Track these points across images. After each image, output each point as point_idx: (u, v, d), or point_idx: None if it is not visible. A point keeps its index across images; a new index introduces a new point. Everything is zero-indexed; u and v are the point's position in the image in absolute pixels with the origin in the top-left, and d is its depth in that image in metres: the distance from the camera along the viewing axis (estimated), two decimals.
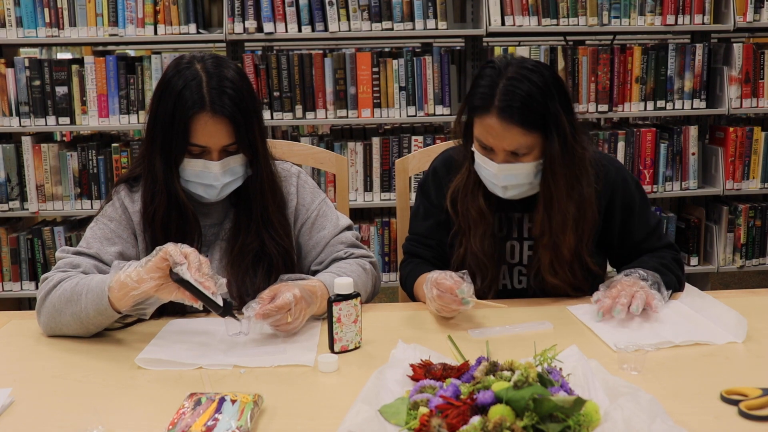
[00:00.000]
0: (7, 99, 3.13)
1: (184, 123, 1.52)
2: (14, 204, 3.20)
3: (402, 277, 1.84)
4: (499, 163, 1.60)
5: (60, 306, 1.44)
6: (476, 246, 1.69)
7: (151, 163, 1.58)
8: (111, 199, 1.66)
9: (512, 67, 1.58)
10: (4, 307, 3.10)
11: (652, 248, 1.76)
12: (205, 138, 1.53)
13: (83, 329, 1.44)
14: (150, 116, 1.58)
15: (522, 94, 1.54)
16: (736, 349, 1.39)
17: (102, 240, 1.60)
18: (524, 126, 1.56)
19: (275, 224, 1.66)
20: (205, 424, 1.06)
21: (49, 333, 1.49)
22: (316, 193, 1.76)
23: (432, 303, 1.53)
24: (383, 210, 3.50)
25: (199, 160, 1.55)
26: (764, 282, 4.29)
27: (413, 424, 1.03)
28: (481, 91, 1.58)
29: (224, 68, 1.56)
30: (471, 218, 1.70)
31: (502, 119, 1.55)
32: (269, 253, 1.64)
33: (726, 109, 3.28)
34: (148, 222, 1.60)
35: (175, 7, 3.09)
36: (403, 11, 3.12)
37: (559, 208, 1.63)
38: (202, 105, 1.51)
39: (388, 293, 3.87)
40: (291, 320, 1.41)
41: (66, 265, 1.53)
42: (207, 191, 1.59)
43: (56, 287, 1.46)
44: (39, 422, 1.14)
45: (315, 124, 3.86)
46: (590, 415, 1.02)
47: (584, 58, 3.22)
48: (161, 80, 1.57)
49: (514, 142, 1.57)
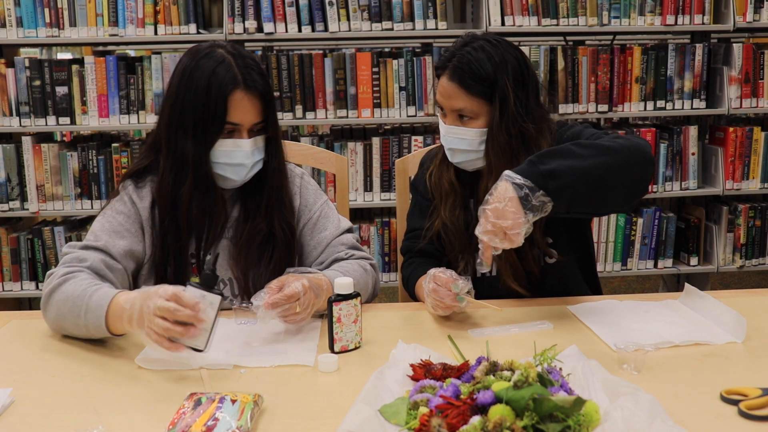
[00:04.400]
0: (8, 99, 3.13)
1: (222, 101, 1.54)
2: (14, 204, 3.20)
3: (404, 278, 1.85)
4: (447, 125, 1.69)
5: (64, 312, 1.42)
6: (446, 216, 1.76)
7: (175, 148, 1.58)
8: (118, 194, 1.64)
9: (480, 41, 1.68)
10: (4, 307, 3.11)
11: None
12: (240, 115, 1.56)
13: (89, 336, 1.43)
14: (173, 103, 1.58)
15: (473, 61, 1.65)
16: (735, 349, 1.39)
17: (110, 233, 1.58)
18: (468, 90, 1.65)
19: (286, 204, 1.70)
20: (205, 424, 1.06)
21: (55, 331, 1.48)
22: (318, 194, 1.77)
23: (428, 298, 1.54)
24: (383, 210, 3.50)
25: (229, 140, 1.57)
26: (764, 282, 4.29)
27: (413, 424, 1.03)
28: (444, 55, 1.71)
29: (243, 49, 1.63)
30: (443, 189, 1.78)
31: (451, 80, 1.66)
32: (276, 234, 1.65)
33: (726, 109, 3.28)
34: (169, 209, 1.59)
35: (175, 7, 3.09)
36: (403, 11, 3.12)
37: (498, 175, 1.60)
38: (236, 82, 1.55)
39: (388, 293, 3.87)
40: (300, 310, 1.42)
41: (73, 260, 1.51)
42: (236, 171, 1.60)
43: (60, 287, 1.44)
44: (39, 422, 1.14)
45: (315, 124, 3.86)
46: (590, 415, 1.02)
47: (584, 58, 3.23)
48: (184, 67, 1.58)
49: (458, 103, 1.67)
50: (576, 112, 3.25)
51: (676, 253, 3.47)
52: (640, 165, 1.50)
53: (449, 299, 1.50)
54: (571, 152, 1.45)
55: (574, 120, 3.56)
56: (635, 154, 1.49)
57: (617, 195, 1.50)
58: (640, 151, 1.50)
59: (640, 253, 3.40)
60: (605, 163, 1.44)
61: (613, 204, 1.54)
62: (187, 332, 1.26)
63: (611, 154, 1.46)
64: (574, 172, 1.42)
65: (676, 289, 2.62)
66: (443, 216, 1.76)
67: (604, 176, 1.45)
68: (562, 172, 1.41)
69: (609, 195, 1.48)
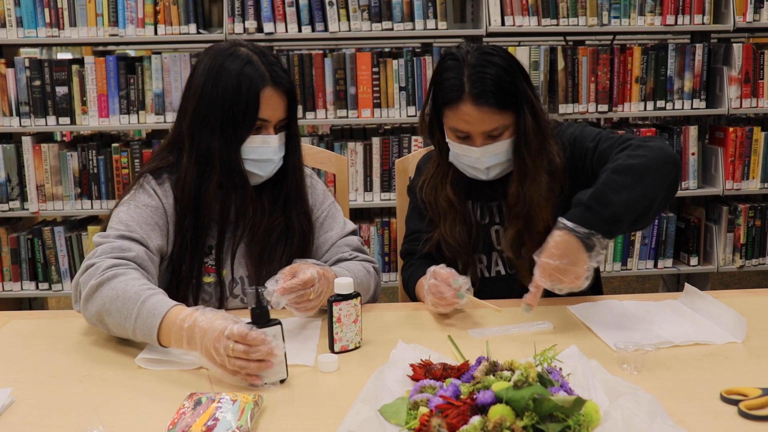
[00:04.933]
0: (8, 99, 3.13)
1: (254, 98, 1.56)
2: (14, 204, 3.20)
3: (404, 280, 1.85)
4: (479, 147, 1.64)
5: (111, 309, 1.36)
6: (446, 232, 1.75)
7: (201, 146, 1.58)
8: (141, 186, 1.61)
9: (472, 55, 1.64)
10: (4, 307, 3.11)
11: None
12: (269, 111, 1.58)
13: (129, 338, 1.39)
14: (198, 102, 1.58)
15: (491, 77, 1.60)
16: (735, 349, 1.39)
17: (143, 225, 1.54)
18: (499, 107, 1.61)
19: (304, 198, 1.71)
20: (205, 424, 1.06)
21: (90, 323, 1.44)
22: (326, 195, 1.79)
23: (428, 296, 1.55)
24: (383, 210, 3.50)
25: (258, 136, 1.59)
26: (764, 282, 4.29)
27: (413, 424, 1.03)
28: (450, 83, 1.63)
29: (265, 48, 1.64)
30: (440, 208, 1.76)
31: (478, 105, 1.60)
32: (293, 227, 1.67)
33: (726, 109, 3.28)
34: (192, 207, 1.59)
35: (175, 7, 3.09)
36: (403, 11, 3.12)
37: (534, 179, 1.66)
38: (266, 80, 1.57)
39: (388, 293, 3.87)
40: (313, 297, 1.42)
41: (115, 249, 1.45)
42: (263, 167, 1.62)
43: (110, 281, 1.38)
44: (39, 422, 1.14)
45: (315, 124, 3.86)
46: (590, 415, 1.02)
47: (584, 58, 3.23)
48: (209, 68, 1.58)
49: (492, 124, 1.62)
50: (576, 112, 3.25)
51: (676, 253, 3.47)
52: (672, 173, 1.52)
53: (449, 294, 1.51)
54: (617, 184, 1.45)
55: (573, 120, 3.56)
56: (666, 165, 1.50)
57: (660, 208, 1.54)
58: (669, 159, 1.51)
59: (640, 253, 3.40)
60: (647, 186, 1.47)
61: (655, 216, 1.61)
62: (263, 368, 1.23)
63: (649, 174, 1.48)
64: (628, 206, 1.44)
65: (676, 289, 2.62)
66: (443, 233, 1.75)
67: (650, 199, 1.48)
68: (620, 211, 1.43)
69: (654, 214, 1.53)
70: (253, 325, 1.24)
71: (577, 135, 1.71)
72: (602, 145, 1.64)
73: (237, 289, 1.66)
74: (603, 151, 1.62)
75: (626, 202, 1.43)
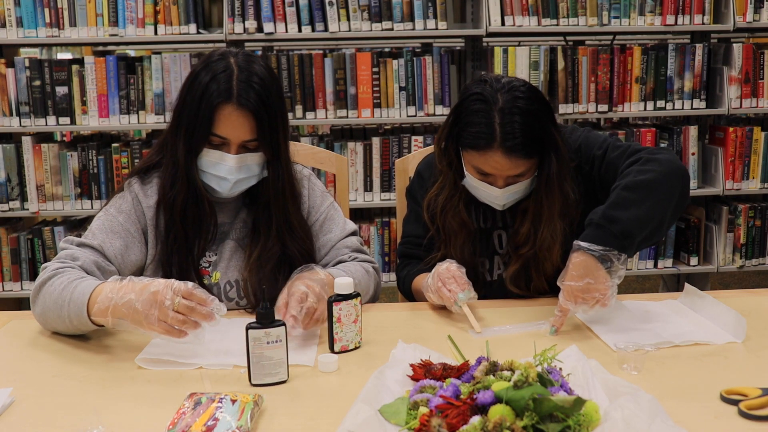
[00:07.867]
0: (8, 99, 3.13)
1: (209, 111, 1.53)
2: (14, 204, 3.20)
3: (399, 278, 1.86)
4: (501, 188, 1.64)
5: (49, 305, 1.43)
6: (456, 253, 1.72)
7: (174, 150, 1.59)
8: (122, 191, 1.65)
9: (501, 96, 1.59)
10: (4, 307, 3.11)
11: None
12: (228, 129, 1.54)
13: (73, 331, 1.45)
14: (177, 103, 1.60)
15: (521, 127, 1.57)
16: (735, 349, 1.39)
17: (107, 232, 1.59)
18: (528, 156, 1.60)
19: (296, 227, 1.67)
20: (205, 424, 1.06)
21: (42, 326, 1.50)
22: (325, 196, 1.78)
23: (429, 290, 1.58)
24: (383, 210, 3.50)
25: (217, 152, 1.57)
26: (764, 282, 4.29)
27: (413, 424, 1.03)
28: (479, 129, 1.59)
29: (255, 64, 1.59)
30: (450, 229, 1.74)
31: (508, 155, 1.58)
32: (291, 255, 1.64)
33: (726, 109, 3.27)
34: (167, 208, 1.60)
35: (175, 7, 3.09)
36: (403, 11, 3.12)
37: (548, 223, 1.66)
38: (229, 96, 1.53)
39: (388, 293, 3.86)
40: (313, 301, 1.41)
41: (66, 257, 1.52)
42: (220, 184, 1.60)
43: (49, 280, 1.44)
44: (39, 422, 1.14)
45: (315, 124, 3.86)
46: (590, 415, 1.02)
47: (584, 58, 3.22)
48: (193, 70, 1.60)
49: (519, 169, 1.62)
50: (576, 112, 3.25)
51: (676, 253, 3.47)
52: (681, 185, 1.55)
53: (448, 303, 1.54)
54: (626, 201, 1.49)
55: (573, 121, 3.56)
56: (675, 178, 1.54)
57: (672, 220, 1.56)
58: (678, 172, 1.55)
59: (640, 253, 3.40)
60: (656, 200, 1.50)
61: (668, 229, 1.64)
62: (197, 327, 1.32)
63: (658, 189, 1.51)
64: (639, 221, 1.47)
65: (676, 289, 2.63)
66: (454, 253, 1.72)
67: (660, 213, 1.50)
68: (630, 227, 1.46)
69: (667, 226, 1.55)
70: (259, 326, 1.25)
71: (582, 141, 1.71)
72: (611, 153, 1.65)
73: (232, 292, 1.66)
74: (612, 160, 1.64)
75: (636, 218, 1.46)
